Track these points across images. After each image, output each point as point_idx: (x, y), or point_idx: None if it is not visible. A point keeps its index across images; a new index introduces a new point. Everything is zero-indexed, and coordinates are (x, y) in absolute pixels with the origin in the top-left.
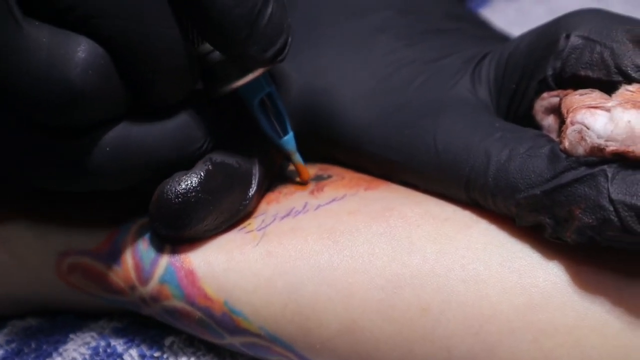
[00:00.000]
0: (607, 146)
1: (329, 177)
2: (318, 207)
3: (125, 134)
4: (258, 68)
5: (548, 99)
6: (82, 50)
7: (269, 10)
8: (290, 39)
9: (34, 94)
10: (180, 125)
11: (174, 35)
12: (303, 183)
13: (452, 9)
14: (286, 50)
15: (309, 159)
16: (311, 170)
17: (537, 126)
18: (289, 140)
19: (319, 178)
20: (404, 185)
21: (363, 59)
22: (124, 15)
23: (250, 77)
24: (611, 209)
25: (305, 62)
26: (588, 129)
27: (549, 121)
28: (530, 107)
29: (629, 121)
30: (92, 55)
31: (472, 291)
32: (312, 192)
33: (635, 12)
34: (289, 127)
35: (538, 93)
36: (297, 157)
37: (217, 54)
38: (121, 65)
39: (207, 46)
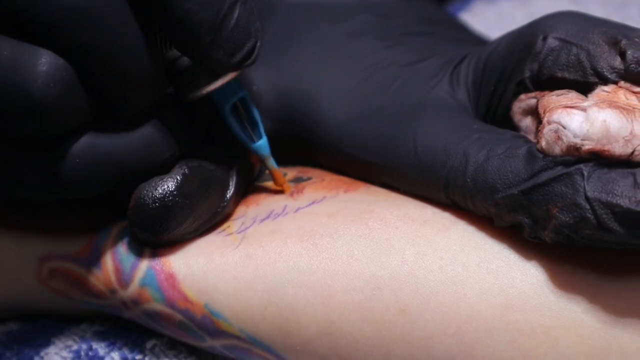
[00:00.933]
0: (583, 145)
1: (309, 179)
2: (297, 209)
3: (94, 144)
4: (227, 73)
5: (525, 100)
6: (42, 63)
7: (235, 14)
8: (258, 44)
9: None
10: (150, 133)
11: (138, 44)
12: (279, 188)
13: (430, 13)
14: (254, 55)
15: (289, 161)
16: (291, 172)
17: (515, 128)
18: (262, 145)
19: (298, 180)
20: (383, 187)
21: (342, 62)
22: (84, 25)
23: (220, 82)
24: (587, 207)
25: (284, 66)
26: (564, 128)
27: (527, 122)
28: (508, 108)
29: (605, 120)
30: (53, 67)
31: (450, 292)
32: (291, 195)
33: (614, 15)
34: (262, 132)
35: (516, 95)
36: (271, 162)
37: (185, 60)
38: (85, 76)
39: (175, 52)
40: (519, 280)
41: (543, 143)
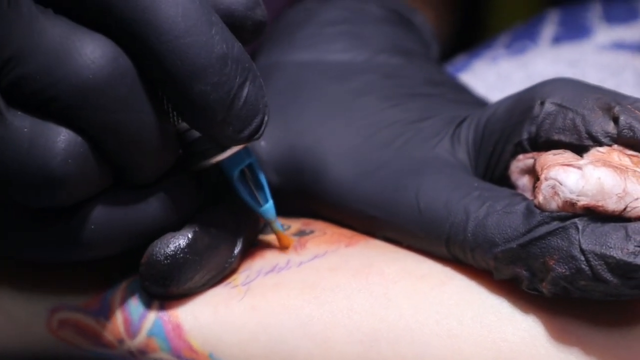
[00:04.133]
0: (578, 201)
1: (312, 232)
2: (300, 263)
3: (108, 211)
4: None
5: (523, 160)
6: (61, 140)
7: (245, 92)
8: (266, 118)
9: (17, 181)
10: (162, 197)
11: (151, 120)
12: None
13: (433, 75)
14: (262, 129)
15: (294, 213)
16: (294, 224)
17: (512, 186)
18: (268, 209)
19: (301, 233)
20: (386, 240)
21: (347, 119)
22: (100, 105)
23: (228, 153)
24: (582, 258)
25: (291, 122)
26: (561, 184)
27: (524, 181)
28: (506, 168)
29: (599, 178)
30: (72, 144)
31: (445, 345)
32: (294, 248)
33: (609, 79)
34: (269, 196)
35: (514, 155)
36: (277, 225)
37: (195, 131)
38: (100, 150)
39: (186, 124)
40: (510, 334)
41: (540, 198)
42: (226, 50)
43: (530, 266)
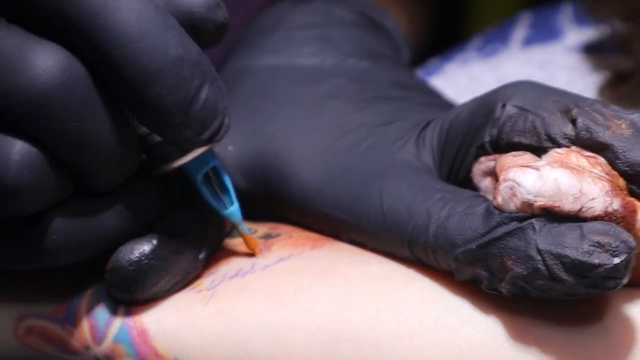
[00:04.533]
0: (535, 201)
1: (278, 235)
2: (265, 267)
3: (68, 220)
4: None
5: (485, 162)
6: (16, 152)
7: (203, 95)
8: (227, 120)
9: None
10: (125, 204)
11: (108, 127)
12: (250, 252)
13: (402, 79)
14: (222, 131)
15: (262, 218)
16: (261, 228)
17: (475, 188)
18: (234, 212)
19: (268, 236)
20: (351, 243)
21: (314, 123)
22: (54, 115)
23: (190, 156)
24: (539, 258)
25: (259, 126)
26: (519, 185)
27: (486, 183)
28: (469, 170)
29: (556, 179)
30: (26, 156)
31: (407, 346)
32: (260, 252)
33: (578, 82)
34: (234, 199)
35: (476, 157)
36: (243, 228)
37: (157, 135)
38: (59, 160)
39: (146, 129)
40: (471, 335)
41: (499, 199)
42: (182, 53)
43: (490, 267)
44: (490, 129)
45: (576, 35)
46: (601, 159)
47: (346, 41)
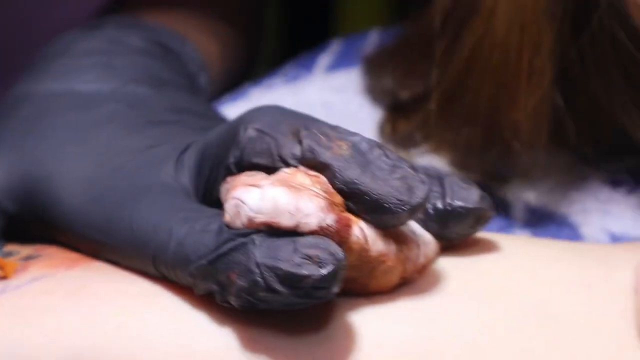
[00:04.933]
0: (257, 218)
1: (38, 256)
2: (17, 287)
3: None
4: None
5: (231, 182)
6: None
7: None
8: None
9: None
10: None
11: None
12: (3, 275)
13: (180, 104)
14: None
15: (33, 240)
16: (25, 250)
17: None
18: None
19: (29, 258)
20: (109, 262)
21: (84, 148)
22: None
23: None
24: (258, 271)
25: (29, 150)
26: (243, 203)
27: None
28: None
29: (274, 196)
30: None
31: (145, 357)
32: (16, 272)
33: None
34: None
35: (224, 178)
36: None
37: None
38: None
39: None
40: (207, 346)
41: (227, 217)
42: None
43: (219, 281)
44: (234, 151)
45: None
46: (323, 178)
47: (128, 68)
